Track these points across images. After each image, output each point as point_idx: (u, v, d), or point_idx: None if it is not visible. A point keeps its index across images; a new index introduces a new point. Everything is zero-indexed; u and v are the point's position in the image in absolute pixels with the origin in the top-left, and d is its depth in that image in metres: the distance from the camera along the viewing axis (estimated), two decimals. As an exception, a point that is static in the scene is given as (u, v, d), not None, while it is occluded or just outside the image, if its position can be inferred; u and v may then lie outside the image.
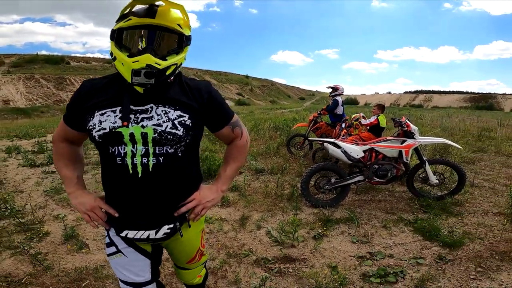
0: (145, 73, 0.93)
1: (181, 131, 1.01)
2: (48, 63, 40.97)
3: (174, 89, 1.06)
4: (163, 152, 1.01)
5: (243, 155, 1.25)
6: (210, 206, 1.17)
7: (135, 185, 1.01)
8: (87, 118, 1.03)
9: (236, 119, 1.20)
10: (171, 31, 0.99)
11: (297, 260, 2.52)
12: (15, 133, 11.64)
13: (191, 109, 1.05)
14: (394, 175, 3.69)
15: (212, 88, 1.12)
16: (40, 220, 3.25)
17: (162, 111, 1.01)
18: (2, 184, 4.69)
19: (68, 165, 1.16)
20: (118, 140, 0.99)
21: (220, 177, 1.22)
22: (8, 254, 2.57)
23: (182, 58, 1.04)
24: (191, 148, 1.10)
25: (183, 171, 1.07)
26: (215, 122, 1.15)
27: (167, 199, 1.06)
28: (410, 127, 3.66)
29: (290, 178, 4.74)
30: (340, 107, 6.00)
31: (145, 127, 0.99)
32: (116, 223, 1.09)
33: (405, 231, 3.00)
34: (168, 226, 1.08)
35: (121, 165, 1.00)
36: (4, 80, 31.98)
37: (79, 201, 1.10)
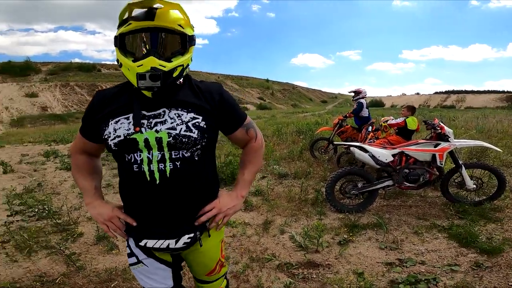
0: (150, 76, 0.92)
1: (196, 133, 0.99)
2: (81, 70, 43.56)
3: (185, 91, 1.05)
4: (180, 157, 0.99)
5: (259, 157, 1.22)
6: (231, 213, 1.13)
7: (153, 192, 0.99)
8: (102, 128, 1.03)
9: (249, 120, 1.17)
10: (173, 32, 0.97)
11: (321, 265, 2.46)
12: (52, 138, 12.43)
13: (204, 111, 1.03)
14: (426, 180, 3.52)
15: (223, 90, 1.10)
16: (74, 221, 3.42)
17: (175, 114, 1.00)
18: (41, 186, 5.01)
19: (86, 177, 1.16)
20: (133, 147, 0.98)
21: (239, 182, 1.19)
22: (44, 254, 2.71)
23: (188, 59, 1.01)
24: (207, 151, 1.08)
25: (201, 175, 1.05)
26: (228, 124, 1.12)
27: (186, 205, 1.03)
28: (444, 130, 3.48)
29: (314, 182, 4.66)
30: (365, 110, 5.86)
31: (159, 132, 0.97)
32: (135, 232, 1.07)
33: (438, 237, 2.88)
34: (189, 236, 1.05)
35: (138, 172, 0.99)
36: (42, 88, 34.36)
37: (97, 211, 1.11)
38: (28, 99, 31.29)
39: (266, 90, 68.89)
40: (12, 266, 2.52)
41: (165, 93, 1.01)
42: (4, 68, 37.65)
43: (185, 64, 1.00)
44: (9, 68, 37.79)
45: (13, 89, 32.48)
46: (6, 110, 28.19)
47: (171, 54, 0.98)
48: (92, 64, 46.86)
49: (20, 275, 2.39)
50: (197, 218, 1.06)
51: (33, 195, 4.44)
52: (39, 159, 7.63)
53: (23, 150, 9.55)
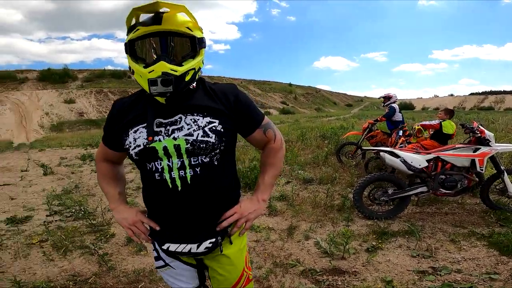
0: (162, 81, 0.91)
1: (213, 138, 0.97)
2: (113, 77, 45.82)
3: (199, 95, 1.03)
4: (199, 163, 0.98)
5: (280, 159, 1.18)
6: (253, 217, 1.11)
7: (176, 199, 0.99)
8: (123, 138, 1.03)
9: (267, 121, 1.13)
10: (181, 35, 0.95)
11: (347, 272, 2.40)
12: (88, 142, 13.18)
13: (220, 114, 1.01)
14: (465, 186, 3.32)
15: (239, 91, 1.07)
16: (107, 222, 3.58)
17: (191, 119, 0.98)
18: (78, 188, 5.30)
19: (110, 183, 1.19)
20: (153, 155, 0.97)
21: (259, 186, 1.16)
22: (79, 254, 2.85)
23: (199, 62, 0.99)
24: (226, 155, 1.06)
25: (221, 180, 1.04)
26: (245, 125, 1.09)
27: (207, 210, 1.03)
28: (484, 133, 3.27)
29: (340, 188, 4.56)
30: (399, 114, 5.65)
31: (177, 139, 0.96)
32: (158, 237, 1.08)
33: (477, 245, 2.73)
34: (210, 241, 1.04)
35: (160, 180, 0.98)
36: (79, 94, 36.56)
37: (122, 216, 1.13)
38: (66, 105, 33.44)
39: (289, 95, 68.63)
40: (48, 265, 2.66)
41: (180, 98, 1.00)
42: (44, 76, 40.44)
43: (196, 68, 0.99)
44: (49, 75, 40.51)
45: (52, 96, 34.89)
46: (47, 115, 30.31)
47: (182, 58, 0.97)
48: (123, 71, 49.11)
49: (55, 274, 2.51)
50: (218, 223, 1.05)
51: (71, 196, 4.71)
52: (76, 162, 8.11)
53: (62, 154, 10.21)
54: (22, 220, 3.74)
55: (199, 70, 1.01)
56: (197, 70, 0.99)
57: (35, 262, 2.71)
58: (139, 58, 0.97)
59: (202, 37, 1.00)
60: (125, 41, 0.98)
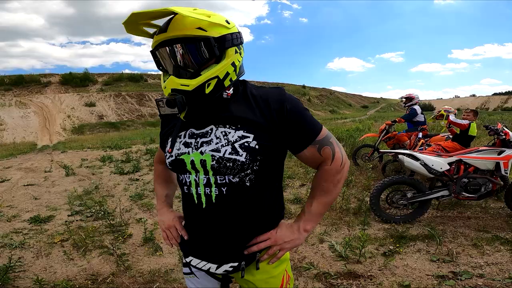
0: (167, 102, 0.81)
1: (244, 156, 0.83)
2: (131, 81, 46.96)
3: (236, 104, 0.89)
4: (226, 182, 0.87)
5: (336, 185, 0.94)
6: (288, 248, 0.96)
7: (200, 216, 0.92)
8: (165, 144, 1.01)
9: (324, 135, 0.92)
10: (190, 40, 0.81)
11: (362, 276, 2.35)
12: (107, 145, 13.56)
13: (257, 127, 0.85)
14: (489, 190, 3.19)
15: (286, 97, 0.88)
16: (126, 223, 3.66)
17: (221, 132, 0.86)
18: (98, 189, 5.46)
19: (161, 184, 1.20)
20: (182, 168, 0.91)
21: (304, 213, 0.97)
22: (97, 253, 2.92)
23: (226, 66, 0.84)
24: (265, 175, 0.91)
25: (253, 203, 0.90)
26: (293, 141, 0.89)
27: (234, 233, 0.92)
28: (509, 135, 3.14)
29: (356, 191, 4.47)
30: (421, 115, 5.50)
31: (204, 154, 0.86)
32: (186, 247, 1.03)
33: (501, 250, 2.63)
34: (232, 264, 0.93)
35: (187, 194, 0.93)
36: (99, 97, 37.74)
37: (161, 218, 1.11)
38: (87, 108, 34.59)
39: (302, 97, 68.07)
40: (68, 264, 2.74)
41: (213, 107, 0.89)
42: (66, 79, 41.96)
43: (222, 74, 0.83)
44: (70, 79, 42.00)
45: (74, 99, 36.19)
46: (69, 118, 31.46)
47: (200, 66, 0.83)
48: (140, 75, 50.28)
49: (75, 273, 2.58)
50: (247, 246, 0.94)
51: (91, 197, 4.86)
52: (96, 164, 8.36)
53: (83, 155, 10.56)
54: (45, 219, 3.89)
55: (229, 75, 0.85)
56: (222, 77, 0.84)
57: (56, 261, 2.80)
58: (163, 70, 0.89)
59: (223, 36, 0.83)
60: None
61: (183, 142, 0.91)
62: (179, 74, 0.83)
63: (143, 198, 4.75)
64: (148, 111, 36.97)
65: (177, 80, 0.82)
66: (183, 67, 0.83)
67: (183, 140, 0.92)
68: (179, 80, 0.82)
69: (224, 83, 0.85)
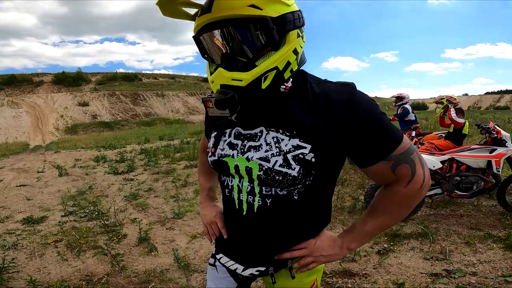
0: (216, 102, 0.67)
1: (297, 171, 0.71)
2: (125, 80, 46.52)
3: (294, 103, 0.73)
4: (271, 194, 0.76)
5: (406, 210, 0.77)
6: (323, 261, 0.85)
7: (239, 221, 0.85)
8: (208, 138, 0.92)
9: (404, 149, 0.71)
10: (242, 21, 0.65)
11: (357, 275, 2.37)
12: (101, 144, 13.44)
13: (316, 136, 0.70)
14: (481, 188, 3.24)
15: (357, 97, 0.69)
16: (120, 223, 3.64)
17: (273, 138, 0.73)
18: (92, 189, 5.41)
19: (205, 174, 1.13)
20: (225, 170, 0.81)
21: (353, 230, 0.83)
22: (92, 254, 2.90)
23: (285, 55, 0.67)
24: (316, 189, 0.78)
25: (299, 218, 0.80)
26: (359, 153, 0.72)
27: (270, 242, 0.83)
28: (500, 134, 3.19)
29: (351, 190, 4.51)
30: (412, 114, 5.61)
31: (250, 160, 0.75)
32: (219, 243, 0.99)
33: (493, 248, 2.67)
34: (259, 268, 0.85)
35: (228, 197, 0.85)
36: (92, 97, 37.32)
37: (204, 212, 1.05)
38: (81, 107, 34.21)
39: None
40: (62, 265, 2.72)
41: (265, 105, 0.74)
42: (59, 79, 41.40)
43: (282, 63, 0.68)
44: (63, 78, 41.45)
45: (67, 98, 35.76)
46: (62, 118, 31.08)
47: (255, 54, 0.68)
48: (134, 74, 49.83)
49: (69, 274, 2.56)
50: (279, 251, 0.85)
51: (85, 197, 4.82)
52: (90, 164, 8.28)
53: (76, 155, 10.45)
54: (38, 220, 3.84)
55: (290, 65, 0.69)
56: (282, 68, 0.68)
57: (50, 262, 2.78)
58: (209, 59, 0.75)
59: (282, 15, 0.66)
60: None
61: (228, 142, 0.80)
62: (228, 65, 0.67)
63: (138, 198, 4.72)
64: (143, 111, 36.71)
65: (227, 73, 0.67)
66: (233, 56, 0.68)
67: (228, 140, 0.81)
68: (229, 73, 0.66)
69: (284, 75, 0.70)
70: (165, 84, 49.23)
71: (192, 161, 7.29)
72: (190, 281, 2.39)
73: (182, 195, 4.71)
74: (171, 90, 45.26)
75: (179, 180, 5.64)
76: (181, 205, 4.17)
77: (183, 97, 43.43)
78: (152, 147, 10.59)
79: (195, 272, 2.51)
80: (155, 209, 4.19)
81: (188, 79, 56.29)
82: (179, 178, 5.78)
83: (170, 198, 4.63)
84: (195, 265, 2.62)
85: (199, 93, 44.44)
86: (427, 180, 0.75)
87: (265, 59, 0.67)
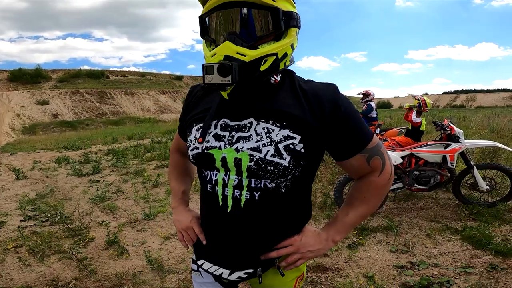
0: (219, 68, 0.68)
1: (287, 160, 0.73)
2: (90, 77, 44.24)
3: (282, 96, 0.77)
4: (260, 187, 0.76)
5: (380, 198, 0.85)
6: (310, 257, 0.86)
7: (221, 220, 0.81)
8: (187, 133, 0.88)
9: (375, 143, 0.80)
10: (259, 6, 0.70)
11: (330, 269, 2.45)
12: (63, 145, 12.67)
13: (306, 127, 0.74)
14: (438, 181, 3.47)
15: (340, 97, 0.76)
16: (86, 226, 3.47)
17: (263, 129, 0.75)
18: (53, 192, 5.10)
19: (177, 177, 1.08)
20: (210, 163, 0.79)
21: (336, 222, 0.87)
22: (57, 258, 2.76)
23: (285, 46, 0.73)
24: (302, 182, 0.81)
25: (285, 211, 0.81)
26: (341, 147, 0.78)
27: (256, 240, 0.82)
28: (454, 130, 3.43)
29: (322, 186, 4.63)
30: (374, 112, 5.89)
31: (240, 151, 0.74)
32: (199, 249, 0.95)
33: (451, 239, 2.84)
34: (247, 271, 0.84)
35: (211, 193, 0.82)
36: (53, 95, 35.08)
37: (178, 218, 1.00)
38: (39, 106, 31.99)
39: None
40: (25, 270, 2.57)
41: (254, 96, 0.77)
42: (15, 76, 38.46)
43: (280, 53, 0.72)
44: (20, 75, 38.56)
45: (24, 97, 33.27)
46: (18, 117, 28.87)
47: (259, 39, 0.72)
48: (100, 71, 47.49)
49: (33, 279, 2.43)
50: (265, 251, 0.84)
51: (46, 201, 4.53)
52: (51, 166, 7.79)
53: (35, 157, 9.77)
54: (-6, 226, 3.56)
55: (285, 57, 0.75)
56: (280, 56, 0.73)
57: (11, 268, 2.62)
58: (210, 39, 0.76)
59: (291, 11, 0.73)
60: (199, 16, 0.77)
61: (214, 133, 0.79)
62: (234, 41, 0.70)
63: (105, 200, 4.53)
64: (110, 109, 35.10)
65: (233, 46, 0.69)
66: (240, 36, 0.71)
67: (213, 132, 0.79)
68: (236, 47, 0.69)
69: (280, 64, 0.74)
70: (134, 82, 47.48)
71: (163, 161, 7.11)
72: (165, 283, 2.35)
73: (153, 196, 4.59)
74: (141, 88, 43.71)
75: (149, 180, 5.48)
76: (153, 206, 4.07)
77: (154, 95, 42.14)
78: (121, 147, 10.18)
79: (170, 273, 2.47)
80: (124, 211, 4.05)
81: (159, 77, 54.70)
82: (149, 178, 5.62)
83: (140, 199, 4.49)
84: (169, 266, 2.58)
85: (172, 91, 43.36)
86: (392, 171, 0.85)
87: (267, 45, 0.71)
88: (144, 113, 36.70)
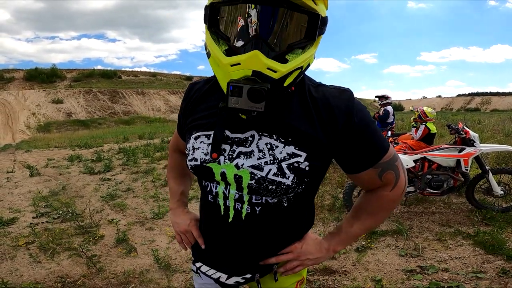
0: (250, 92, 0.56)
1: (291, 179, 0.67)
2: (103, 77, 45.02)
3: (290, 106, 0.68)
4: (261, 202, 0.73)
5: (389, 212, 0.81)
6: (309, 264, 0.84)
7: (223, 228, 0.79)
8: (186, 137, 0.82)
9: (390, 156, 0.72)
10: (299, 9, 0.58)
11: (337, 272, 2.42)
12: (76, 143, 12.94)
13: (313, 143, 0.67)
14: (451, 186, 3.39)
15: (355, 105, 0.67)
16: (96, 224, 3.53)
17: (266, 144, 0.68)
18: (65, 190, 5.21)
19: (176, 178, 1.05)
20: (209, 176, 0.75)
21: (340, 233, 0.83)
22: (66, 255, 2.80)
23: (311, 56, 0.64)
24: (304, 196, 0.77)
25: (287, 221, 0.78)
26: (350, 161, 0.72)
27: (257, 249, 0.80)
28: (469, 134, 3.35)
29: (331, 188, 4.60)
30: (391, 117, 5.87)
31: (240, 168, 0.69)
32: (196, 252, 0.93)
33: (463, 244, 2.78)
34: (244, 276, 0.83)
35: (212, 203, 0.78)
36: (67, 94, 35.83)
37: (176, 220, 0.98)
38: (54, 105, 32.75)
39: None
40: (35, 267, 2.62)
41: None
42: (31, 75, 39.46)
43: (305, 65, 0.63)
44: (36, 75, 39.53)
45: (40, 96, 34.13)
46: (33, 116, 29.63)
47: (288, 48, 0.60)
48: (113, 71, 48.32)
49: (43, 276, 2.48)
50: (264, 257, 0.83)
51: (58, 198, 4.62)
52: (64, 163, 7.96)
53: (49, 155, 10.00)
54: (8, 222, 3.65)
55: (307, 68, 0.65)
56: (304, 68, 0.64)
57: (22, 264, 2.66)
58: (222, 34, 0.62)
59: (325, 18, 0.63)
60: (207, 3, 0.63)
61: (212, 147, 0.73)
62: (263, 50, 0.57)
63: (116, 198, 4.59)
64: (122, 109, 35.67)
65: (264, 59, 0.56)
66: (267, 43, 0.58)
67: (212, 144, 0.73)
68: (267, 60, 0.56)
69: (299, 79, 0.65)
70: (145, 82, 48.13)
71: (172, 161, 7.17)
72: (172, 282, 2.36)
73: (162, 195, 4.63)
74: (152, 88, 44.28)
75: (159, 179, 5.54)
76: (161, 205, 4.10)
77: (164, 95, 42.63)
78: (131, 146, 10.33)
79: (177, 272, 2.49)
80: (133, 209, 4.10)
81: (170, 77, 55.33)
82: (159, 177, 5.68)
83: (149, 198, 4.54)
84: (177, 265, 2.59)
85: (182, 92, 43.70)
86: (406, 185, 0.79)
87: (295, 55, 0.61)
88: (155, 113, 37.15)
